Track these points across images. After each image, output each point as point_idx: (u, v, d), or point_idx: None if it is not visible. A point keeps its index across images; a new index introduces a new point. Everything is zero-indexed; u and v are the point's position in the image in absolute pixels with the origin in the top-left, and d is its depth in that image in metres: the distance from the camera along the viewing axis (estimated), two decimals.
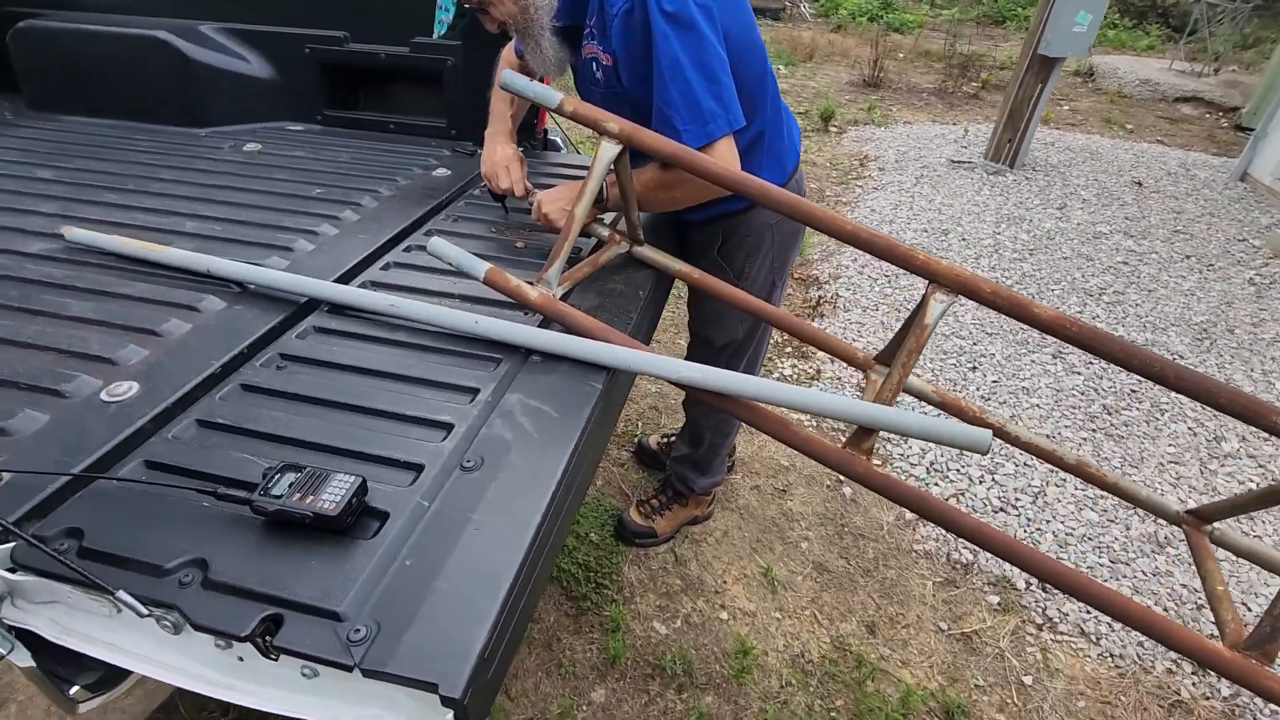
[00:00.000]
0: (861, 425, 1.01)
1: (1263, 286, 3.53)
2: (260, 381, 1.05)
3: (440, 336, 1.16)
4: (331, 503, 0.78)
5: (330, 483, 0.81)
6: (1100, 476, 1.20)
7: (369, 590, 0.74)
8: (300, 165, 1.86)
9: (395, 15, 2.00)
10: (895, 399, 1.02)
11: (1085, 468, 1.20)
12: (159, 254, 1.31)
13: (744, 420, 1.08)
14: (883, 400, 1.02)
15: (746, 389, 1.03)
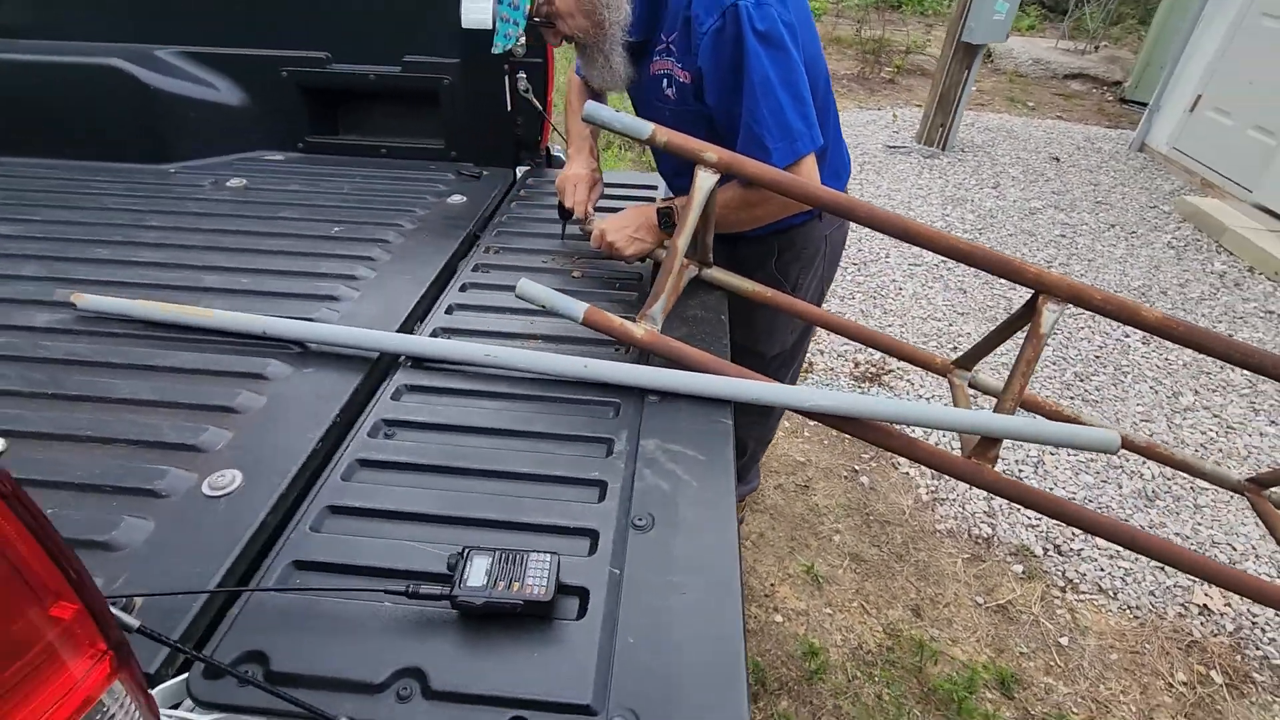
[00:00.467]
0: (991, 436, 1.05)
1: (1180, 249, 3.88)
2: (376, 454, 0.97)
3: (543, 384, 1.12)
4: (541, 586, 0.74)
5: (529, 564, 0.76)
6: (1170, 456, 1.29)
7: (605, 676, 0.70)
8: (302, 200, 1.73)
9: (384, 34, 1.88)
10: (1016, 408, 1.06)
11: (1155, 449, 1.29)
12: (202, 318, 1.19)
13: (872, 441, 1.09)
14: (1004, 410, 1.06)
15: (880, 411, 1.05)
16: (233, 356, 1.15)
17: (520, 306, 1.30)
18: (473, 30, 1.77)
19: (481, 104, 1.92)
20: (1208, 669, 1.89)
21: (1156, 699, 1.82)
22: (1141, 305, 1.01)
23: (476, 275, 1.43)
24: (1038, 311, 1.04)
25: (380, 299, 1.33)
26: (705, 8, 1.13)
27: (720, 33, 1.13)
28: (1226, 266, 3.72)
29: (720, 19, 1.12)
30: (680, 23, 1.18)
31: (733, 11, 1.11)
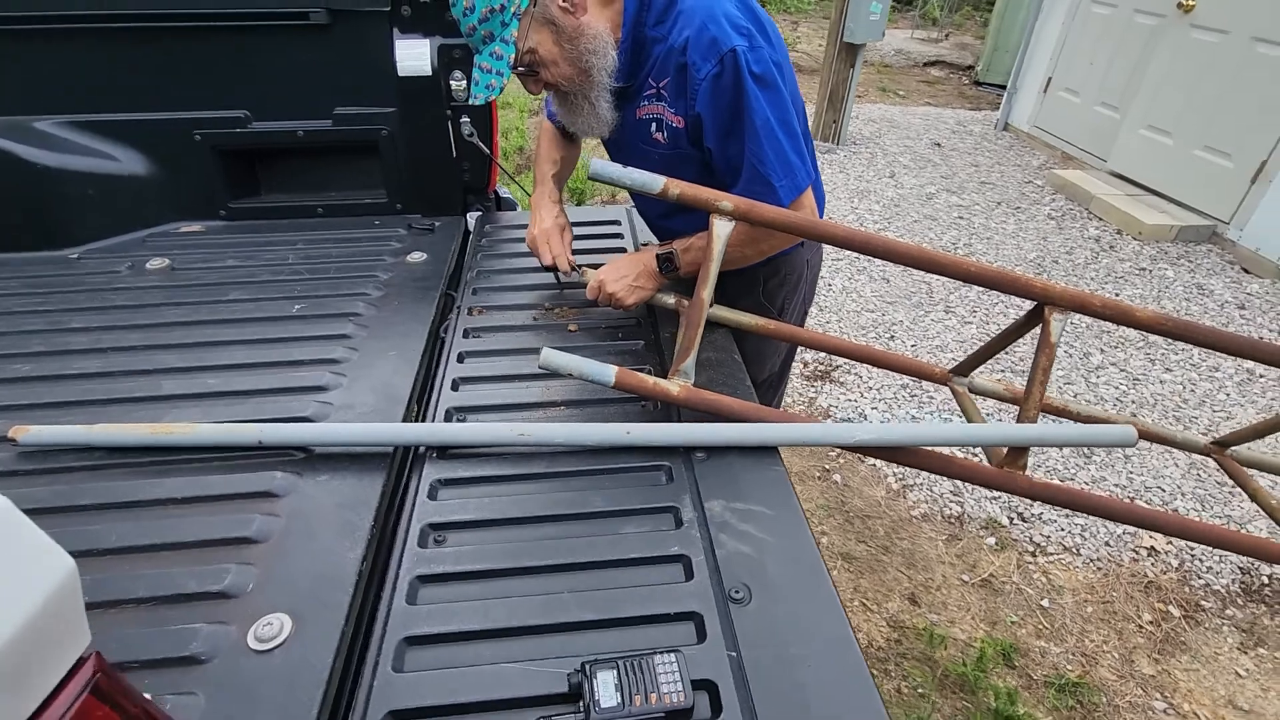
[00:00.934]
0: (1019, 446, 1.10)
1: (1059, 219, 4.28)
2: (435, 567, 0.89)
3: (583, 455, 1.07)
4: (677, 692, 0.71)
5: (656, 669, 0.72)
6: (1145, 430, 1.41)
7: None
8: (245, 278, 1.57)
9: (310, 87, 1.74)
10: (1039, 416, 1.12)
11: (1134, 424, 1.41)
12: (183, 435, 1.05)
13: (910, 464, 1.12)
14: (1028, 418, 1.12)
15: (920, 437, 1.08)
16: (228, 475, 1.03)
17: (530, 372, 1.25)
18: (410, 77, 1.69)
19: (424, 152, 1.82)
20: (1166, 605, 2.09)
21: (1131, 641, 1.99)
22: (1134, 306, 1.10)
23: (470, 342, 1.35)
24: (1046, 322, 1.11)
25: (372, 383, 1.23)
26: (702, 54, 1.12)
27: (719, 78, 1.12)
28: (1099, 231, 4.14)
29: (718, 65, 1.11)
30: (674, 69, 1.17)
31: (730, 57, 1.11)
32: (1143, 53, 4.39)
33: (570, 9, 1.14)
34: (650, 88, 1.22)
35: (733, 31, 1.11)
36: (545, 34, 1.16)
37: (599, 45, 1.15)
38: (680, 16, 1.14)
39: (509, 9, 1.11)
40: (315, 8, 1.63)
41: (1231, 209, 3.87)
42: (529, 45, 1.16)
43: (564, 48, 1.16)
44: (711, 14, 1.11)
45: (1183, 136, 4.12)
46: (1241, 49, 3.74)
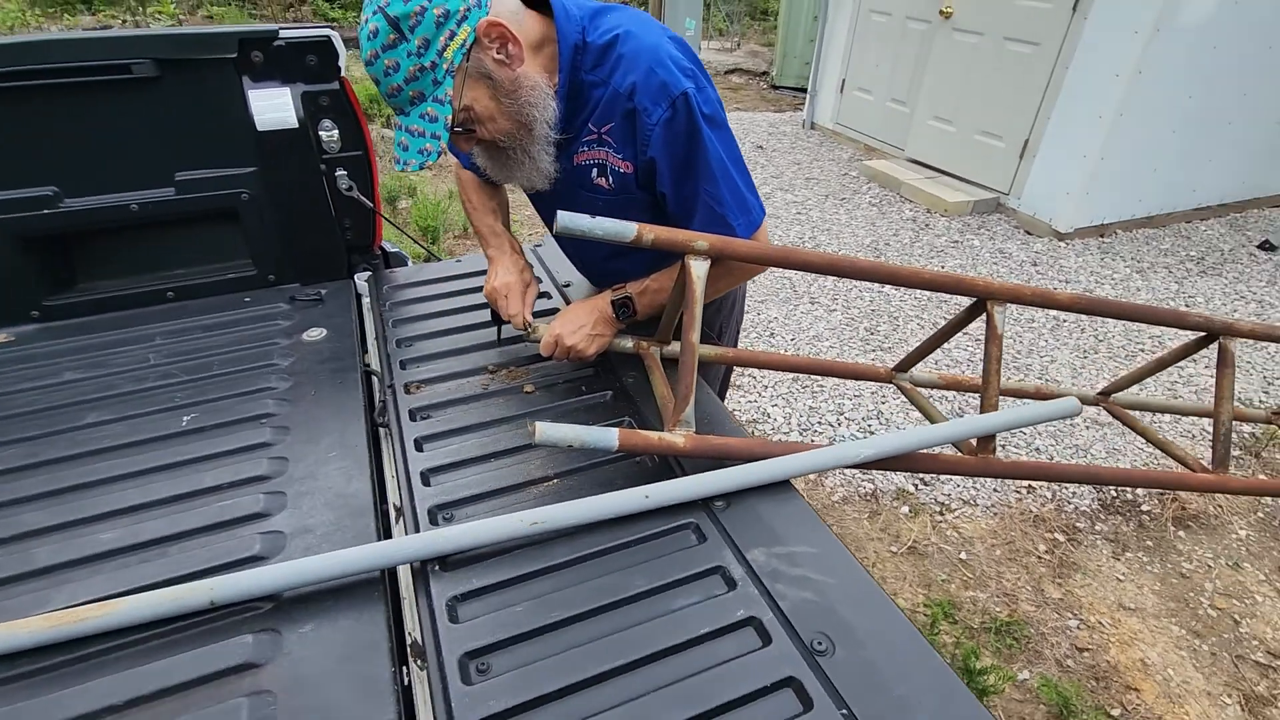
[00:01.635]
0: (987, 435, 1.19)
1: (880, 205, 4.78)
2: (492, 706, 0.77)
3: (599, 532, 0.98)
4: None
5: None
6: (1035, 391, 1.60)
7: None
8: (96, 393, 1.27)
9: (139, 151, 1.45)
10: (997, 404, 1.22)
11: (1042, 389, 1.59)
12: (98, 618, 0.82)
13: (904, 469, 1.17)
14: (990, 407, 1.22)
15: (910, 444, 1.12)
16: (178, 657, 0.82)
17: (505, 448, 1.14)
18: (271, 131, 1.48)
19: (296, 212, 1.60)
20: (1053, 534, 2.39)
21: (1036, 571, 2.26)
22: (1054, 291, 1.23)
23: (423, 425, 1.20)
24: (990, 315, 1.21)
25: (322, 497, 1.05)
26: (652, 99, 1.08)
27: (671, 122, 1.09)
28: (913, 212, 4.68)
29: (670, 109, 1.08)
30: (620, 115, 1.11)
31: (682, 100, 1.08)
32: (919, 54, 5.03)
33: (506, 61, 1.04)
34: (590, 133, 1.15)
35: (680, 74, 1.08)
36: (481, 89, 1.05)
37: (538, 96, 1.07)
38: (621, 60, 1.09)
39: (441, 66, 1.00)
40: (139, 59, 1.36)
41: (1009, 182, 4.55)
42: (464, 103, 1.05)
43: (501, 102, 1.07)
44: (657, 57, 1.08)
45: (962, 124, 4.78)
46: (996, 47, 4.42)
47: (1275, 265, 4.16)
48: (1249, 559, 2.32)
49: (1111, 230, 4.44)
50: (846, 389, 2.99)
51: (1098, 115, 3.95)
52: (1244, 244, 4.41)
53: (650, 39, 1.09)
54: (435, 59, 0.99)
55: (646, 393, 1.27)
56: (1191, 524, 2.45)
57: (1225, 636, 2.07)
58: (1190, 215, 4.69)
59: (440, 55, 0.99)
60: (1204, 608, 2.16)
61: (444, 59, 0.99)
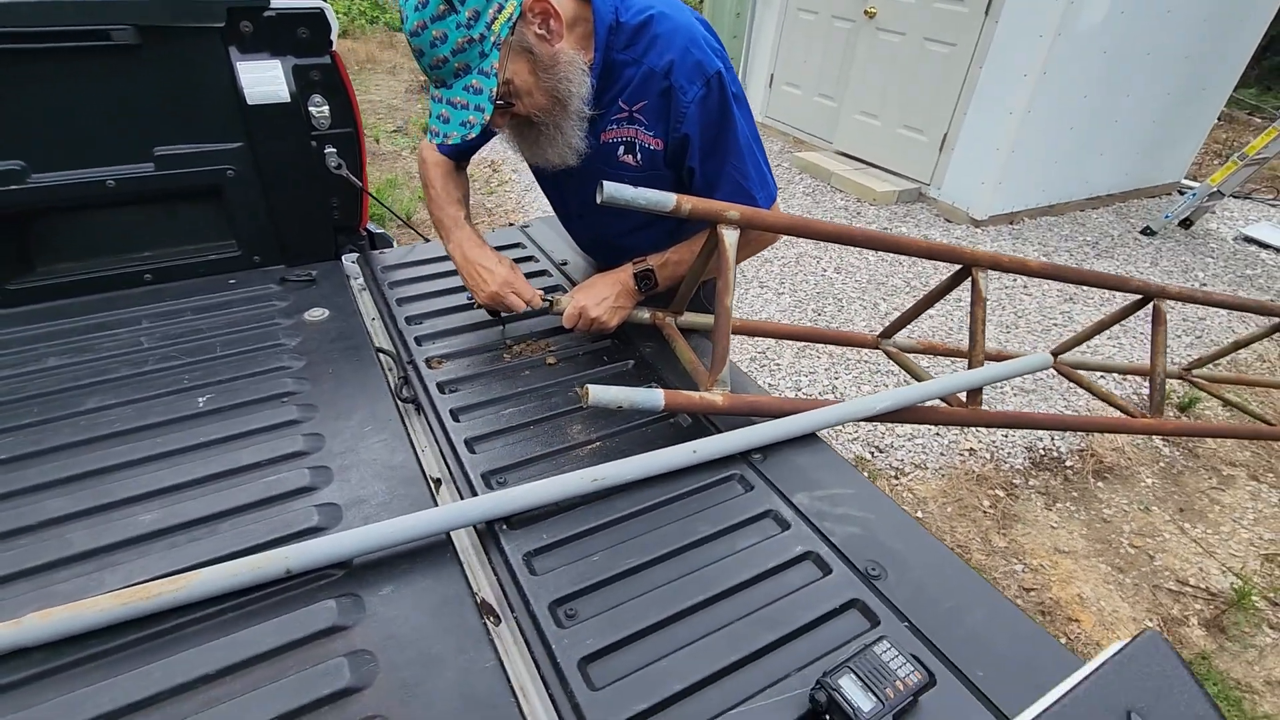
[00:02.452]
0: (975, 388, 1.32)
1: (814, 195, 5.00)
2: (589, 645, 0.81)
3: (650, 487, 1.04)
4: (912, 671, 0.75)
5: (882, 658, 0.76)
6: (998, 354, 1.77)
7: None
8: (93, 377, 1.20)
9: (115, 124, 1.37)
10: (983, 360, 1.35)
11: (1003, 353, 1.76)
12: (174, 592, 0.80)
13: (910, 420, 1.28)
14: (977, 363, 1.35)
15: (916, 396, 1.24)
16: (268, 624, 0.81)
17: (541, 416, 1.17)
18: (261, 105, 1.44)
19: (285, 192, 1.55)
20: (994, 490, 2.63)
21: (983, 525, 2.48)
22: (1029, 259, 1.38)
23: (454, 398, 1.21)
24: (975, 281, 1.34)
25: (370, 468, 1.05)
26: (688, 77, 1.13)
27: (705, 100, 1.14)
28: (845, 201, 4.93)
29: (705, 88, 1.13)
30: (656, 93, 1.15)
31: (716, 79, 1.13)
32: (845, 51, 5.29)
33: (547, 36, 1.07)
34: (621, 111, 1.19)
35: (713, 55, 1.14)
36: (522, 63, 1.07)
37: (574, 72, 1.10)
38: (657, 40, 1.13)
39: (489, 39, 1.01)
40: (119, 24, 1.28)
41: (930, 173, 4.88)
42: (505, 77, 1.07)
43: (540, 77, 1.09)
44: (692, 38, 1.13)
45: (887, 118, 5.07)
46: (917, 47, 4.72)
47: (1155, 249, 4.66)
48: (1156, 503, 2.63)
49: (1020, 218, 4.85)
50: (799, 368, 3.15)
51: (1008, 111, 4.30)
52: (1129, 230, 4.92)
53: (683, 19, 1.14)
54: (484, 31, 1.00)
55: (666, 360, 1.33)
56: (1108, 475, 2.74)
57: (1144, 570, 2.34)
58: (1084, 204, 5.17)
59: (489, 28, 1.00)
60: (1124, 547, 2.43)
61: (492, 31, 1.01)
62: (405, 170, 5.16)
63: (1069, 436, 2.91)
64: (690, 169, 1.22)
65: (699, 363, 1.22)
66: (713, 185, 1.23)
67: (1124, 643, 0.65)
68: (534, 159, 1.23)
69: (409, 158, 5.41)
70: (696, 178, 1.23)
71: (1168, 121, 5.03)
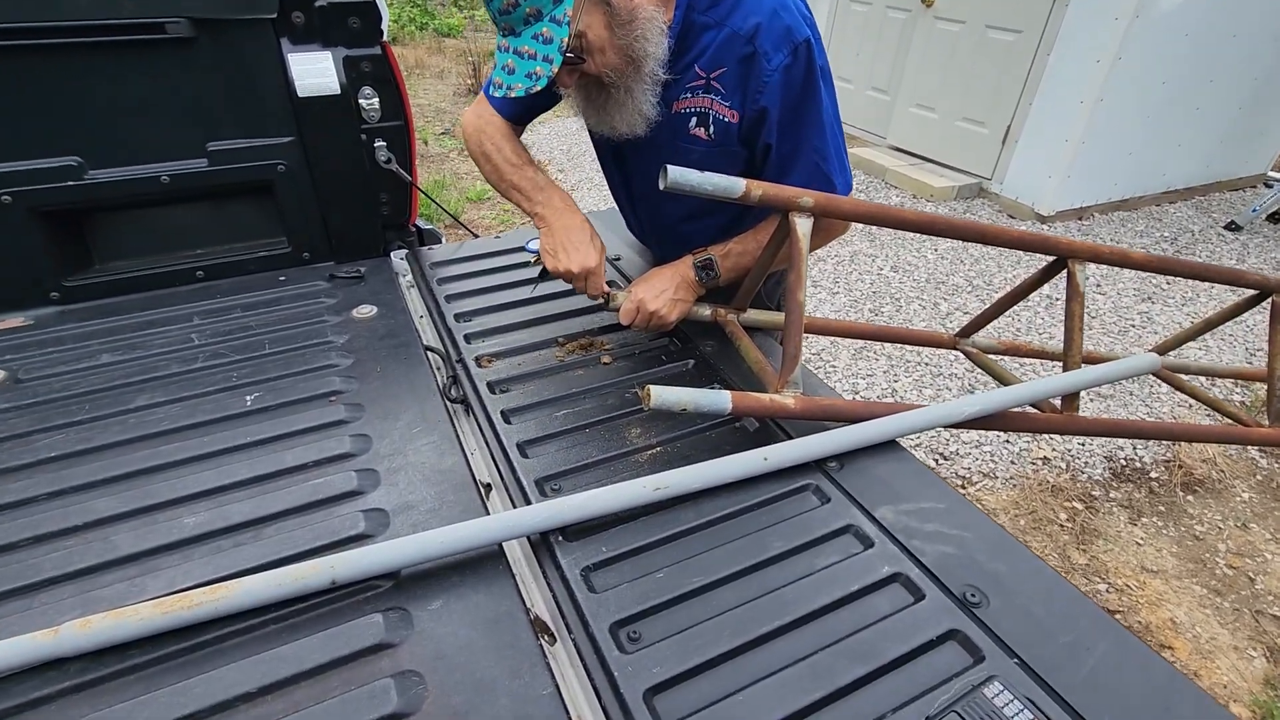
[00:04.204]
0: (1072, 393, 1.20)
1: (867, 192, 4.83)
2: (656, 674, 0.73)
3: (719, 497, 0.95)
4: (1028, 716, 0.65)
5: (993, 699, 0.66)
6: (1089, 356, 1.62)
7: None
8: (142, 375, 1.18)
9: (170, 118, 1.35)
10: (1080, 362, 1.22)
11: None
12: (213, 603, 0.75)
13: (998, 428, 1.17)
14: (1073, 365, 1.22)
15: (1006, 401, 1.12)
16: (313, 638, 0.76)
17: (599, 419, 1.10)
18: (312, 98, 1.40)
19: (334, 187, 1.52)
20: (1071, 502, 2.45)
21: (1060, 539, 2.31)
22: (1130, 250, 1.25)
23: (504, 399, 1.15)
24: (1072, 273, 1.21)
25: (420, 472, 0.99)
26: (774, 43, 1.04)
27: (790, 69, 1.05)
28: (900, 198, 4.74)
29: (791, 56, 1.05)
30: (736, 59, 1.07)
31: (804, 48, 1.05)
32: (900, 42, 5.10)
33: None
34: (697, 78, 1.11)
35: (803, 22, 1.05)
36: (597, 16, 1.00)
37: (651, 31, 1.02)
38: (743, 2, 1.05)
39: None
40: (174, 18, 1.27)
41: (991, 167, 4.65)
42: (578, 28, 0.99)
43: (615, 33, 1.01)
44: (783, 2, 1.04)
45: (944, 111, 4.86)
46: (978, 35, 4.51)
47: (1242, 245, 4.34)
48: (1255, 519, 2.41)
49: (1090, 213, 4.58)
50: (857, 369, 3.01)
51: (1079, 101, 4.06)
52: (1211, 225, 4.60)
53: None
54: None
55: (728, 360, 1.24)
56: (1198, 488, 2.53)
57: (1243, 593, 2.14)
58: (1159, 198, 4.86)
59: None
60: (1220, 567, 2.23)
61: None
62: (453, 172, 5.19)
63: (1153, 445, 2.71)
64: (766, 145, 1.12)
65: (766, 363, 1.13)
66: (787, 165, 1.14)
67: None
68: (600, 126, 1.15)
69: (457, 160, 5.45)
70: (772, 155, 1.13)
71: (1254, 109, 4.69)
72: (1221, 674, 1.89)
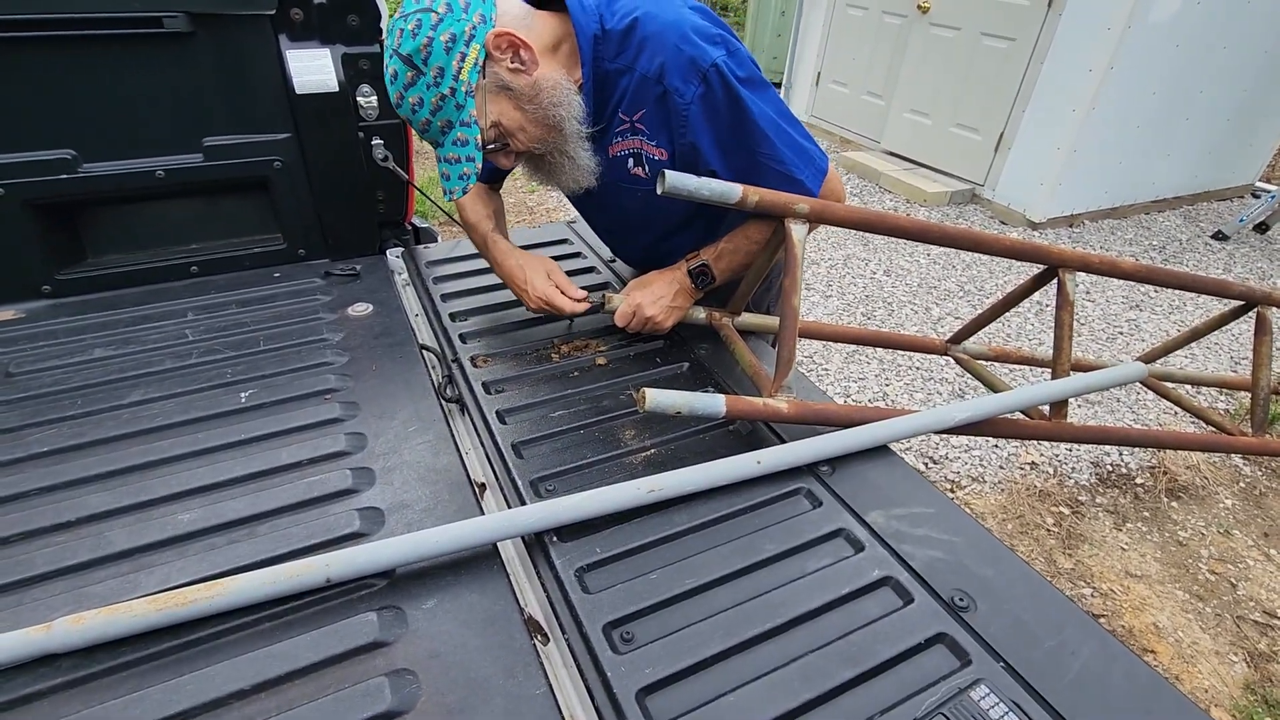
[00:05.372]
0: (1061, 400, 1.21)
1: (862, 196, 4.85)
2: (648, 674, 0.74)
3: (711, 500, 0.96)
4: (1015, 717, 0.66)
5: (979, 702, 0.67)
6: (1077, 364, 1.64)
7: None
8: (136, 369, 1.18)
9: (165, 113, 1.35)
10: (1069, 370, 1.24)
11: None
12: (208, 600, 0.75)
13: (988, 434, 1.18)
14: (1061, 373, 1.24)
15: (997, 408, 1.13)
16: (306, 636, 0.76)
17: (593, 420, 1.11)
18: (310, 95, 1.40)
19: (331, 184, 1.52)
20: (1058, 507, 2.47)
21: (1046, 544, 2.33)
22: (1120, 259, 1.26)
23: (499, 399, 1.15)
24: (1062, 282, 1.23)
25: (414, 471, 1.00)
26: (682, 77, 1.03)
27: (707, 97, 1.05)
28: (894, 202, 4.77)
29: (703, 84, 1.04)
30: (651, 100, 1.07)
31: (714, 72, 1.03)
32: (895, 48, 5.13)
33: (521, 68, 1.02)
34: (622, 122, 1.12)
35: (707, 45, 1.03)
36: (503, 102, 1.03)
37: (561, 95, 1.04)
38: (646, 43, 1.05)
39: (460, 89, 0.99)
40: (171, 12, 1.26)
41: (984, 174, 4.69)
42: (490, 119, 1.04)
43: (526, 110, 1.04)
44: (681, 33, 1.03)
45: (938, 117, 4.89)
46: (972, 42, 4.54)
47: (1229, 254, 4.40)
48: (1237, 526, 2.44)
49: (1080, 220, 4.63)
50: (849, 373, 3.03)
51: (1071, 109, 4.10)
52: (1199, 234, 4.65)
53: (670, 15, 1.04)
54: (453, 84, 0.98)
55: (721, 364, 1.25)
56: (1182, 495, 2.56)
57: (1225, 599, 2.17)
58: (1149, 207, 4.92)
59: (456, 79, 0.98)
60: (1203, 573, 2.26)
61: (460, 81, 0.99)
62: None
63: (1139, 452, 2.74)
64: (711, 173, 1.12)
65: (760, 366, 1.14)
66: (746, 180, 1.13)
67: None
68: (558, 186, 1.18)
69: None
70: (728, 176, 1.13)
71: (1242, 120, 4.75)
72: (1203, 678, 1.92)
